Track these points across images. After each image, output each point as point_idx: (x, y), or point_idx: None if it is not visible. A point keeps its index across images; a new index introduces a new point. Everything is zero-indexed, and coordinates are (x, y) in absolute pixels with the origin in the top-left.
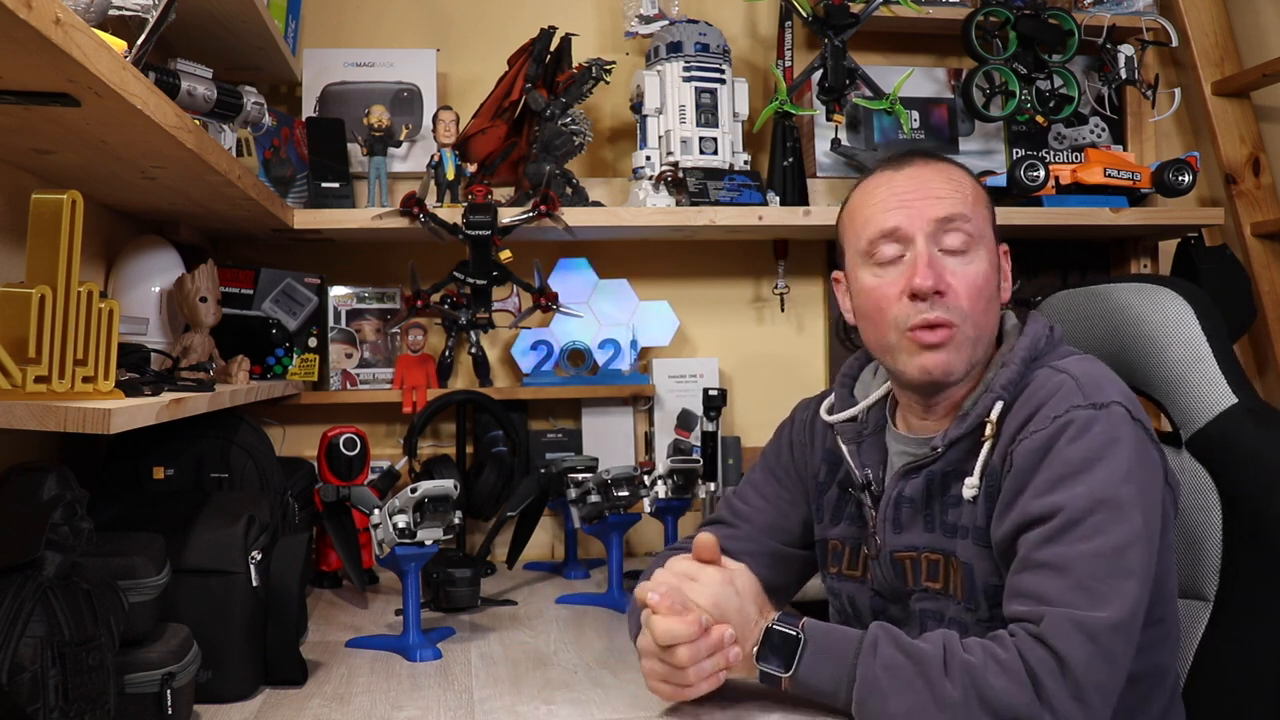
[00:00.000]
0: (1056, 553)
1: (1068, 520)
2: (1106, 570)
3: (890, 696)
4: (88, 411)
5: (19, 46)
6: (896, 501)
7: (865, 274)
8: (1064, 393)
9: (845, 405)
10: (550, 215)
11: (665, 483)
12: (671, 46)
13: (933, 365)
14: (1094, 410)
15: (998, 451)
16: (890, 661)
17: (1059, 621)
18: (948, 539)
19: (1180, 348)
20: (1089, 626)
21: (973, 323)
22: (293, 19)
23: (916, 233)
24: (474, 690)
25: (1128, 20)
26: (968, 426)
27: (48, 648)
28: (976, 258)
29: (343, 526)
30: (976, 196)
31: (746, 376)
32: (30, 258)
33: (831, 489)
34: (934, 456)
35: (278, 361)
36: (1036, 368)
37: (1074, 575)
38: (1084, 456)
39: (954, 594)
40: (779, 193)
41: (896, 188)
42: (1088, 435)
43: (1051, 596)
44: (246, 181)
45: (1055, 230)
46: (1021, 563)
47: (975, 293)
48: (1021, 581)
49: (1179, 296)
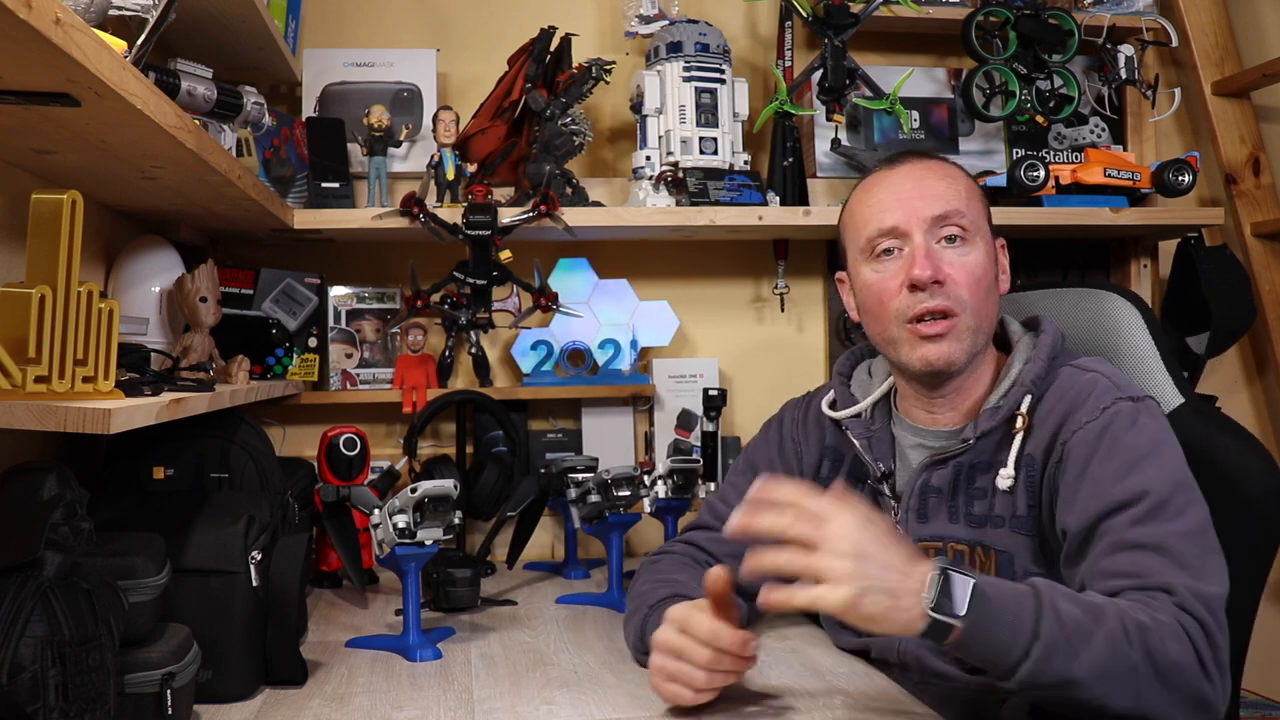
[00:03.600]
0: (1150, 533)
1: (1156, 502)
2: (1198, 547)
3: (1073, 657)
4: (88, 411)
5: (19, 46)
6: (922, 491)
7: (866, 270)
8: (1102, 387)
9: (847, 401)
10: (550, 215)
11: (665, 483)
12: (671, 46)
13: (934, 356)
14: (1134, 403)
15: (1034, 444)
16: (1071, 620)
17: (1184, 594)
18: (974, 529)
19: (1129, 351)
20: (1210, 600)
21: (973, 311)
22: (293, 19)
23: (913, 228)
24: (474, 690)
25: (1128, 20)
26: (1000, 419)
27: (48, 648)
28: (974, 249)
29: (343, 526)
30: (971, 192)
31: (746, 376)
32: (30, 258)
33: (835, 483)
34: (964, 448)
35: (278, 361)
36: (1057, 366)
37: (1174, 554)
38: (1149, 442)
39: None
40: (779, 193)
41: (893, 187)
42: (1138, 425)
43: (1163, 573)
44: (246, 181)
45: (1055, 230)
46: (1114, 545)
47: (974, 281)
48: (1116, 563)
49: (1126, 302)
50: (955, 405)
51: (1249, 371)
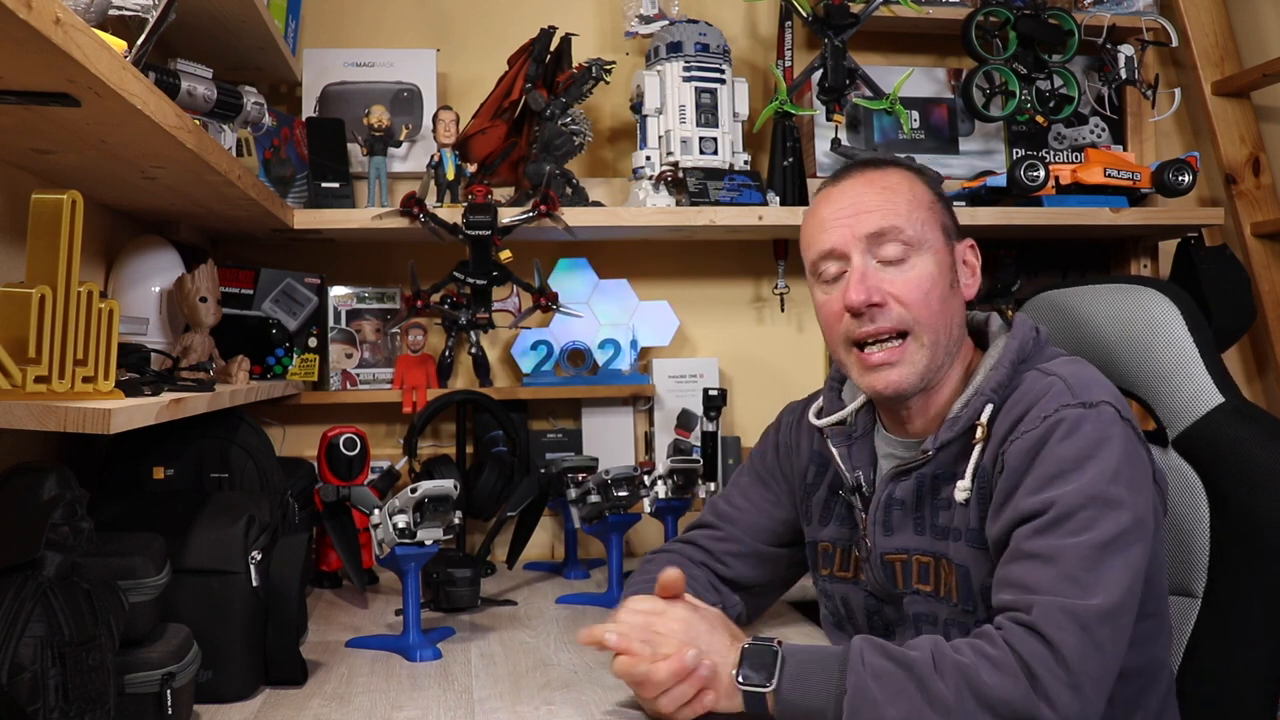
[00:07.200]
0: (1046, 544)
1: (1059, 514)
2: (1095, 561)
3: (884, 705)
4: (88, 411)
5: (19, 46)
6: (887, 504)
7: (817, 292)
8: (1054, 393)
9: (834, 408)
10: (550, 215)
11: (665, 483)
12: (671, 46)
13: (881, 384)
14: (1084, 409)
15: (988, 453)
16: (880, 669)
17: (1048, 610)
18: (938, 541)
19: (1166, 348)
20: (1079, 614)
21: (925, 326)
22: (293, 19)
23: (851, 249)
24: (474, 690)
25: (1128, 20)
26: (959, 430)
27: (48, 648)
28: (918, 263)
29: (343, 526)
30: (914, 202)
31: (746, 376)
32: (30, 258)
33: (820, 490)
34: (924, 459)
35: (278, 361)
36: (1025, 370)
37: (1063, 565)
38: (1076, 454)
39: (947, 596)
40: (779, 193)
41: (832, 206)
42: (1078, 434)
43: (1041, 586)
44: (246, 181)
45: (1055, 230)
46: (1011, 554)
47: (921, 296)
48: (1010, 572)
49: (1165, 298)
50: (924, 414)
51: (1249, 371)
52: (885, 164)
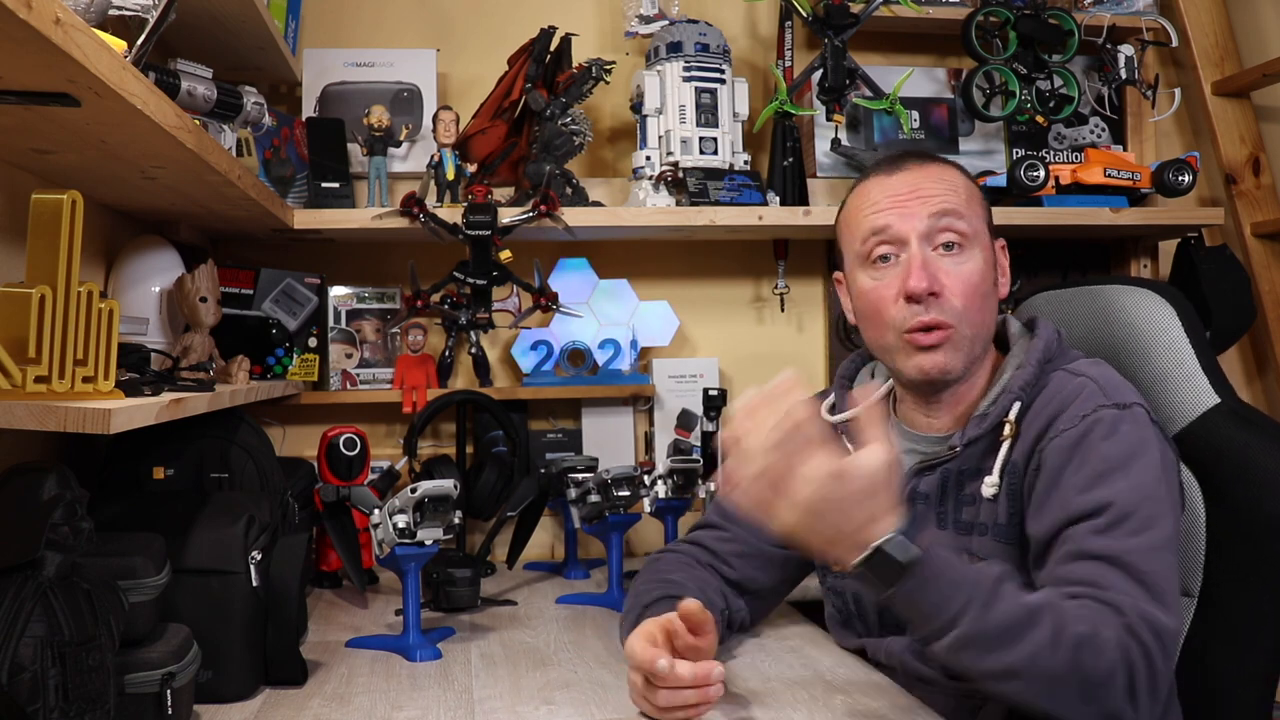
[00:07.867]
0: (1109, 545)
1: (1119, 514)
2: (1159, 564)
3: (993, 654)
4: (88, 411)
5: (19, 46)
6: (910, 499)
7: (863, 276)
8: (1088, 393)
9: (845, 405)
10: (550, 215)
11: (665, 483)
12: (671, 46)
13: (930, 366)
14: (1119, 410)
15: (1018, 450)
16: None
17: (1137, 618)
18: (962, 536)
19: (1164, 349)
20: (1162, 631)
21: (968, 321)
22: (293, 19)
23: (910, 234)
24: (474, 690)
25: (1128, 20)
26: (987, 426)
27: (48, 648)
28: (971, 256)
29: (343, 526)
30: (969, 194)
31: (746, 376)
32: (30, 258)
33: None
34: (951, 455)
35: (278, 361)
36: (1050, 370)
37: (1130, 569)
38: (1122, 453)
39: None
40: (779, 193)
41: (889, 189)
42: (1118, 434)
43: (1114, 587)
44: (246, 181)
45: (1055, 230)
46: (1072, 554)
47: (970, 290)
48: (1074, 571)
49: (1162, 299)
50: (952, 409)
51: (1249, 372)
52: (936, 157)
